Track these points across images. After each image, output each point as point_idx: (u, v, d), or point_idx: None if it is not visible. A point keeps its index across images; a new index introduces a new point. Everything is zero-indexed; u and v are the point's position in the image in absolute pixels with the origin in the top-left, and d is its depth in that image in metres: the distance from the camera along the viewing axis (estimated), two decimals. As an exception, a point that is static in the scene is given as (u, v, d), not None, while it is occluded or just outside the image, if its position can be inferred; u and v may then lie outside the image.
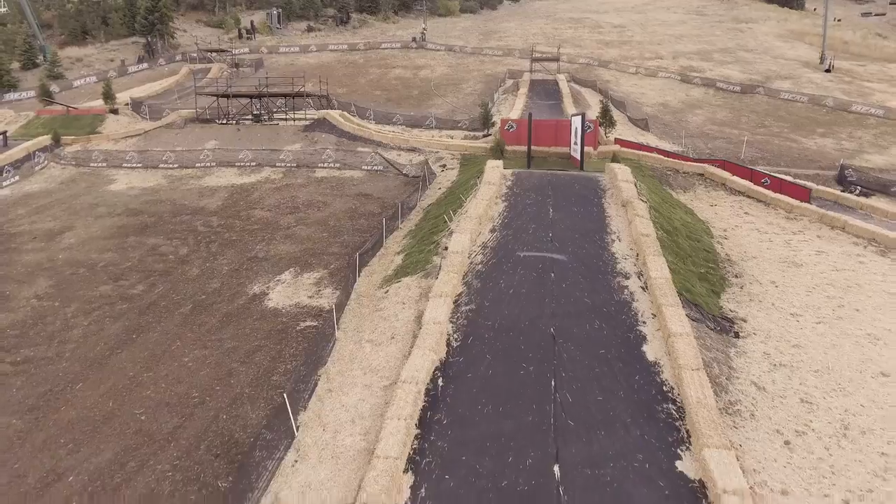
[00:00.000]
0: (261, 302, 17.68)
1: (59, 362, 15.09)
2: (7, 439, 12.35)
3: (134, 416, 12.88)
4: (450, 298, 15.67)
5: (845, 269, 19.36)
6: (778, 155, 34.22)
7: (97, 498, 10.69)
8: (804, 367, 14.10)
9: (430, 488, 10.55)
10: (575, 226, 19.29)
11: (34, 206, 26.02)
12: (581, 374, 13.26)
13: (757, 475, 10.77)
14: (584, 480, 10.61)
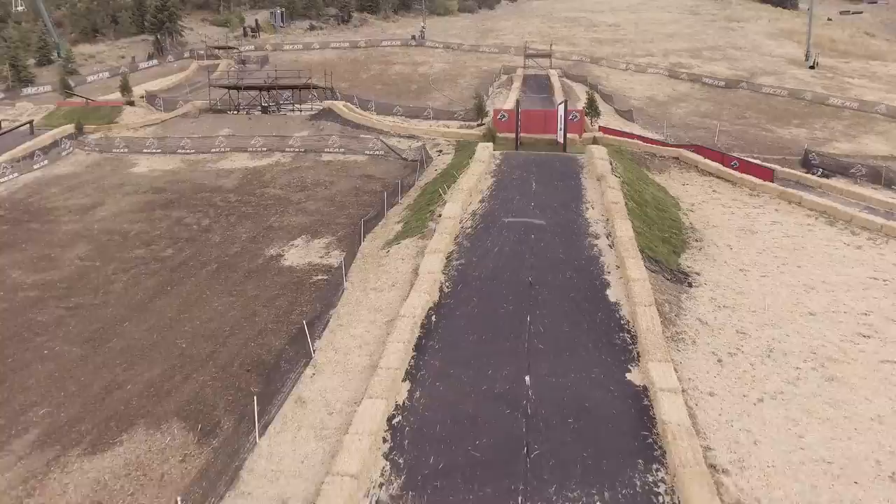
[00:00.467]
0: (277, 261, 20.14)
1: (106, 308, 17.53)
2: (71, 361, 14.79)
3: (176, 345, 15.33)
4: (442, 254, 18.12)
5: (795, 235, 21.83)
6: (752, 143, 36.66)
7: (151, 399, 13.14)
8: (744, 308, 16.56)
9: (424, 391, 13.00)
10: (554, 197, 21.77)
11: (65, 186, 28.46)
12: (552, 311, 15.72)
13: (691, 382, 13.21)
14: (550, 385, 13.06)
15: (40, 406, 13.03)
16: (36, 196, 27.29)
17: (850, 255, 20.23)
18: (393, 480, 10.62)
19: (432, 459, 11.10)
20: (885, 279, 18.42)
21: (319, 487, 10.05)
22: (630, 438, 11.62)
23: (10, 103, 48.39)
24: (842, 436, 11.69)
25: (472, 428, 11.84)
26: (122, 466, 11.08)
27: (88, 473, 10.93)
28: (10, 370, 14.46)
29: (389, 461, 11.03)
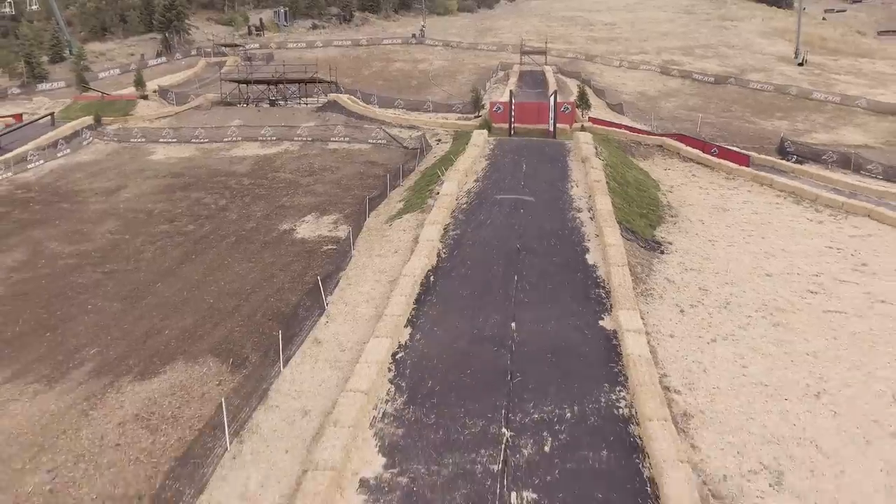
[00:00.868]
0: (290, 234, 22.17)
1: (138, 273, 19.55)
2: (112, 314, 16.82)
3: (204, 301, 17.36)
4: (440, 225, 20.16)
5: (763, 212, 23.86)
6: (735, 134, 38.65)
7: (187, 341, 15.16)
8: (708, 270, 18.58)
9: (423, 334, 15.02)
10: (543, 176, 23.81)
11: (88, 172, 30.49)
12: (537, 272, 17.74)
13: (654, 327, 15.23)
14: (532, 329, 15.08)
15: (90, 347, 15.06)
16: (63, 180, 29.32)
17: (811, 229, 22.27)
18: (397, 398, 12.63)
19: (430, 383, 13.11)
20: (839, 248, 20.46)
21: (335, 402, 12.05)
22: (599, 369, 13.63)
23: (27, 98, 50.43)
24: (780, 366, 13.71)
25: (465, 361, 13.85)
26: (167, 388, 13.10)
27: (140, 394, 12.96)
28: (59, 320, 16.50)
29: (394, 384, 13.05)
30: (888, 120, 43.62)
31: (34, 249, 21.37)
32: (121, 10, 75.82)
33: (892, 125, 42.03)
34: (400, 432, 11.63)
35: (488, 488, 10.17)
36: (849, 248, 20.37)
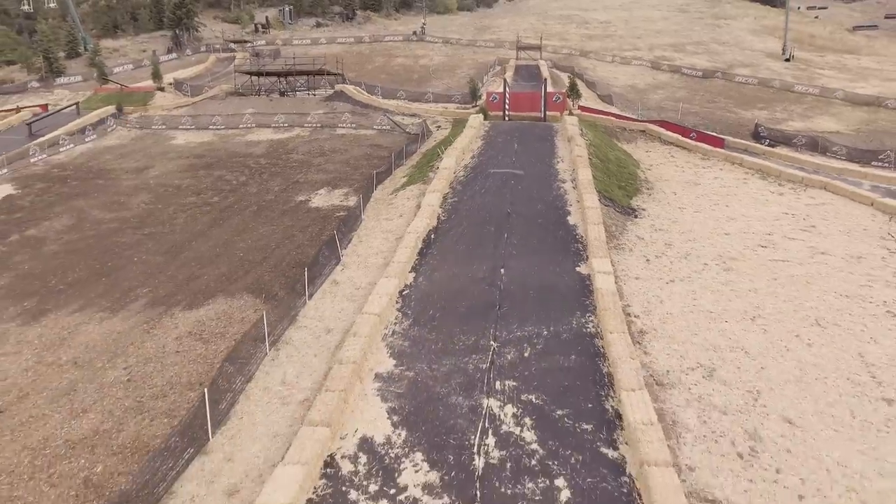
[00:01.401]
0: (306, 204, 24.80)
1: (173, 234, 22.19)
2: (156, 264, 19.45)
3: (235, 255, 19.99)
4: (440, 194, 22.77)
5: (731, 186, 26.48)
6: (717, 122, 41.26)
7: (224, 283, 17.79)
8: (675, 230, 21.21)
9: (425, 277, 17.64)
10: (532, 154, 26.44)
11: (116, 154, 33.12)
12: (524, 230, 20.36)
13: (623, 272, 17.85)
14: (518, 274, 17.68)
15: (142, 288, 17.71)
16: (94, 161, 31.95)
17: (772, 199, 24.90)
18: (403, 321, 15.25)
19: (431, 311, 15.73)
20: (794, 214, 23.09)
21: (353, 322, 14.66)
22: (573, 301, 16.24)
23: (48, 91, 53.10)
24: (724, 299, 16.33)
25: (460, 296, 16.47)
26: (213, 315, 15.73)
27: (190, 318, 15.59)
28: (111, 269, 19.14)
29: (400, 311, 15.67)
30: (862, 110, 46.24)
31: (78, 216, 24.01)
32: (132, 9, 78.57)
33: (864, 115, 44.66)
34: (406, 344, 14.25)
35: (478, 379, 12.78)
36: (802, 214, 23.01)
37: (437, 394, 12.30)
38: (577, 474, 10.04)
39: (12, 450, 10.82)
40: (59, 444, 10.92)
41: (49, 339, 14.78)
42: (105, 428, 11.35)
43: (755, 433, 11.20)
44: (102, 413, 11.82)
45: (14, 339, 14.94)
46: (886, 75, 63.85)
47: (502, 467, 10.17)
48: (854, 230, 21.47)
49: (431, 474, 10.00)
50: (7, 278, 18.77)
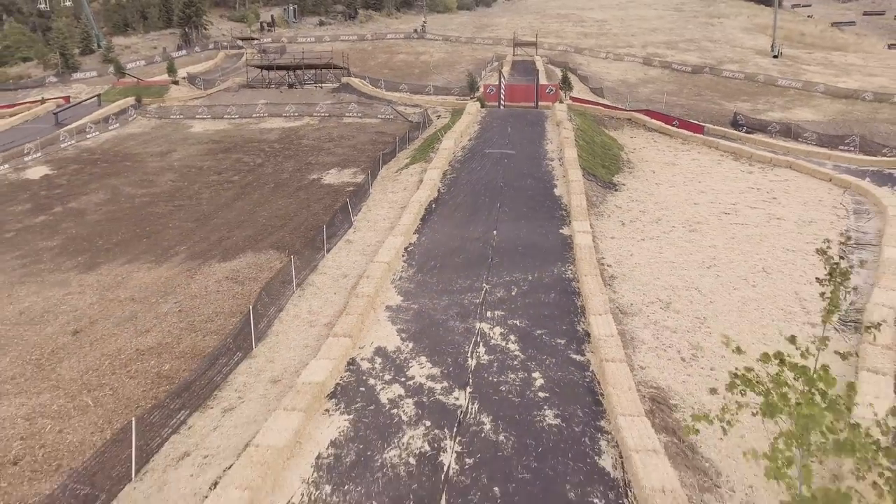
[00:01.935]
0: (319, 181, 27.33)
1: (201, 206, 24.72)
2: (189, 229, 21.98)
3: (259, 221, 22.52)
4: (440, 170, 25.31)
5: (705, 166, 29.01)
6: (701, 112, 43.77)
7: (251, 242, 20.32)
8: (650, 201, 23.74)
9: (427, 237, 20.17)
10: (524, 136, 28.98)
11: (140, 140, 35.66)
12: (515, 200, 22.89)
13: (600, 233, 20.37)
14: (509, 235, 20.20)
15: (180, 245, 20.24)
16: (119, 146, 34.49)
17: (741, 176, 27.43)
18: (409, 269, 17.78)
19: (432, 262, 18.25)
20: (759, 188, 25.63)
21: (365, 269, 17.17)
22: (555, 255, 18.76)
23: (65, 85, 55.62)
24: (686, 253, 18.86)
25: (458, 251, 19.00)
26: (244, 265, 18.27)
27: (225, 267, 18.12)
28: (150, 233, 21.67)
29: (406, 262, 18.20)
30: (840, 102, 48.74)
31: (113, 192, 26.55)
32: (141, 7, 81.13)
33: (842, 106, 47.16)
34: (412, 286, 16.79)
35: (472, 310, 15.30)
36: (766, 188, 25.54)
37: (437, 320, 14.83)
38: (550, 370, 12.57)
39: (94, 356, 13.35)
40: (131, 352, 13.45)
41: (106, 283, 17.32)
42: (166, 342, 13.89)
43: (697, 345, 13.73)
44: (162, 332, 14.36)
45: (76, 284, 17.48)
46: (869, 71, 66.34)
47: (490, 366, 12.69)
48: (810, 201, 24.01)
49: (434, 370, 12.52)
50: (59, 240, 21.31)
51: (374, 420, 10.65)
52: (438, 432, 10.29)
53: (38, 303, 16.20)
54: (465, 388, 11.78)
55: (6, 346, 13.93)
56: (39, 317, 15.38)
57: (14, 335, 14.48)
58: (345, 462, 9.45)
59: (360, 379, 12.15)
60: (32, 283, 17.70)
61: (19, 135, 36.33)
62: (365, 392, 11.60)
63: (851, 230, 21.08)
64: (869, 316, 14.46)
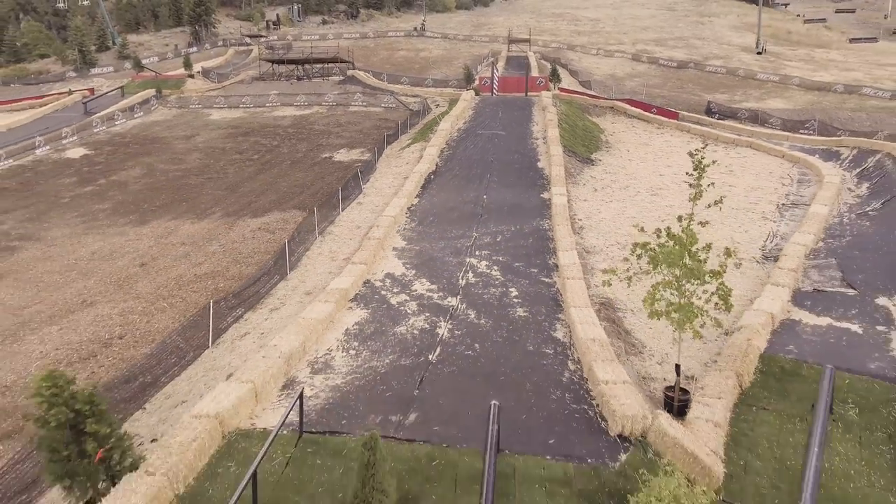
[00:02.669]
0: (330, 159, 30.74)
1: (227, 178, 28.12)
2: (220, 195, 25.39)
3: (280, 189, 25.93)
4: (438, 148, 28.73)
5: (675, 146, 32.43)
6: (681, 103, 47.11)
7: (276, 204, 23.73)
8: (621, 173, 27.16)
9: (426, 200, 23.59)
10: (513, 119, 32.43)
11: (164, 126, 39.07)
12: (503, 172, 26.30)
13: (574, 196, 23.77)
14: (496, 198, 23.62)
15: (215, 207, 23.65)
16: (147, 131, 37.90)
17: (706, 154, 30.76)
18: (411, 222, 21.19)
19: (431, 218, 21.67)
20: (719, 163, 28.96)
21: (374, 223, 20.58)
22: (535, 213, 22.17)
23: (85, 80, 58.95)
24: (646, 210, 22.27)
25: (453, 210, 22.42)
26: (273, 219, 21.69)
27: (256, 221, 21.53)
28: (187, 198, 25.09)
29: (408, 218, 21.61)
30: (812, 94, 52.18)
31: (148, 168, 29.97)
32: (152, 6, 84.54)
33: (813, 97, 50.60)
34: (413, 234, 20.20)
35: (464, 250, 18.68)
36: (725, 163, 28.92)
37: (435, 256, 18.23)
38: (524, 287, 15.97)
39: (162, 279, 16.76)
40: (191, 277, 16.87)
41: (159, 233, 20.75)
42: (217, 270, 17.31)
43: (643, 272, 17.11)
44: (212, 265, 17.78)
45: (133, 234, 20.89)
46: (847, 66, 69.75)
47: (476, 284, 16.10)
48: (762, 173, 27.45)
49: (432, 286, 15.93)
50: (109, 204, 24.73)
51: (387, 312, 14.06)
52: (435, 318, 13.70)
53: (106, 247, 19.62)
54: (456, 296, 15.19)
55: (88, 274, 17.35)
56: (109, 255, 18.80)
57: (92, 267, 17.90)
58: (366, 332, 12.86)
59: (374, 290, 15.57)
60: (96, 234, 21.11)
61: (52, 122, 39.70)
62: (379, 298, 15.01)
63: (791, 194, 24.53)
64: (786, 251, 17.88)
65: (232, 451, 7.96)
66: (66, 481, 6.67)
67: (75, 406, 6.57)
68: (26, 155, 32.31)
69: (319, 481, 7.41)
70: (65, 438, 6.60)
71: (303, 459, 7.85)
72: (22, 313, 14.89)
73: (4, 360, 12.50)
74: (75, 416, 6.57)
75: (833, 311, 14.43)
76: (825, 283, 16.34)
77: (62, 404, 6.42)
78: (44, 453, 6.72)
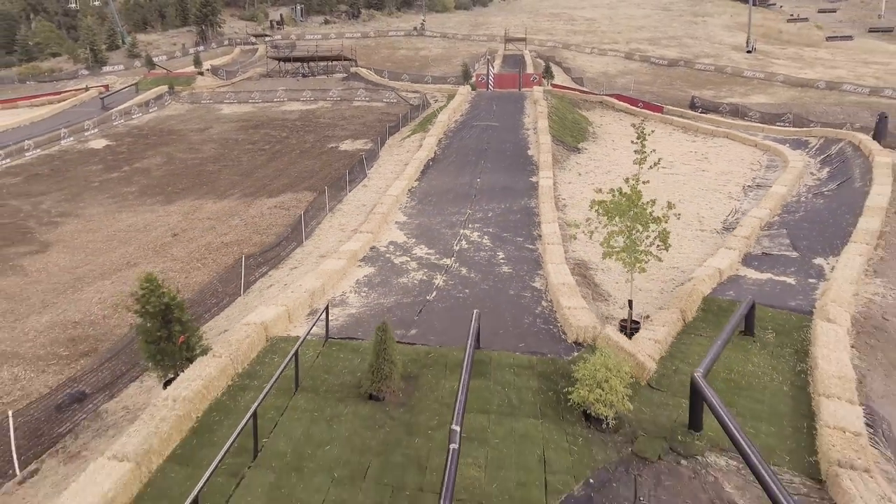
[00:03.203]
0: (336, 148, 33.10)
1: (242, 166, 30.48)
2: (236, 180, 27.74)
3: (292, 174, 28.29)
4: (436, 138, 31.10)
5: (658, 136, 34.72)
6: (668, 99, 49.49)
7: (289, 187, 26.10)
8: (605, 160, 29.52)
9: (426, 183, 25.96)
10: (506, 112, 34.80)
11: (178, 119, 41.43)
12: (496, 159, 28.67)
13: (560, 180, 26.13)
14: (489, 181, 25.97)
15: (234, 189, 26.01)
16: (162, 124, 40.27)
17: (685, 143, 33.21)
18: (411, 201, 23.54)
19: (430, 197, 24.03)
20: (696, 152, 31.41)
21: (379, 199, 22.92)
22: (524, 193, 24.53)
23: (97, 77, 61.33)
24: (624, 192, 24.55)
25: (449, 191, 24.77)
26: (287, 199, 24.04)
27: (272, 201, 23.89)
28: (207, 182, 27.44)
29: (409, 198, 23.97)
30: (795, 90, 54.53)
31: (168, 156, 32.33)
32: (159, 7, 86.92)
33: (795, 93, 52.94)
34: (414, 211, 22.56)
35: (458, 223, 21.03)
36: (701, 151, 31.35)
37: (433, 228, 20.59)
38: (510, 251, 18.33)
39: (193, 246, 19.12)
40: (218, 244, 19.24)
41: (185, 210, 23.12)
42: (241, 239, 19.67)
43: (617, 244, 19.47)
44: (236, 235, 20.14)
45: (162, 211, 23.26)
46: (833, 64, 72.12)
47: (468, 249, 18.46)
48: (734, 160, 29.82)
49: (430, 251, 18.28)
50: (135, 187, 27.10)
51: (391, 268, 16.43)
52: (432, 273, 16.07)
53: (139, 222, 21.99)
54: (451, 257, 17.56)
55: (127, 242, 19.73)
56: (143, 228, 21.17)
57: (130, 237, 20.27)
58: (374, 281, 15.23)
59: (380, 254, 17.93)
60: (128, 211, 23.48)
61: (72, 116, 42.06)
62: (384, 259, 17.38)
63: (758, 178, 26.90)
64: (742, 223, 20.23)
65: (274, 349, 10.33)
66: (158, 357, 9.03)
67: (164, 300, 8.93)
68: (53, 145, 34.67)
69: (342, 366, 9.77)
70: (156, 327, 8.96)
71: (329, 354, 10.21)
72: (76, 272, 17.25)
73: (70, 304, 14.86)
74: (165, 307, 8.93)
75: (775, 269, 16.81)
76: (773, 248, 18.72)
77: (157, 297, 8.78)
78: (141, 338, 9.09)
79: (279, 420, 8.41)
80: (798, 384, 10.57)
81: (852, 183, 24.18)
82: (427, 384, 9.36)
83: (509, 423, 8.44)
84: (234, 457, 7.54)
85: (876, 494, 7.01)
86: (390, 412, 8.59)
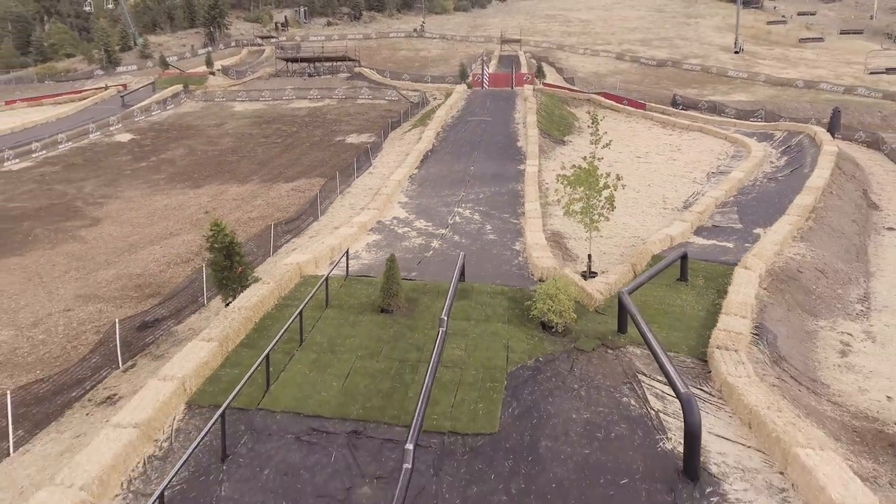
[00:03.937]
0: (343, 141, 36.20)
1: (258, 156, 33.57)
2: (253, 168, 30.84)
3: (304, 163, 31.38)
4: (434, 131, 34.19)
5: (638, 130, 37.87)
6: (653, 97, 52.53)
7: (302, 174, 29.18)
8: (587, 151, 32.52)
9: (425, 171, 29.04)
10: (499, 108, 37.92)
11: (195, 116, 44.52)
12: (488, 150, 31.76)
13: (545, 168, 29.19)
14: (481, 169, 29.06)
15: (253, 176, 29.12)
16: (181, 120, 43.36)
17: (662, 137, 36.30)
18: (412, 186, 26.62)
19: (429, 182, 27.11)
20: (671, 144, 34.50)
21: (383, 183, 26.00)
22: (512, 179, 27.59)
23: (112, 77, 64.43)
24: (601, 177, 27.64)
25: (446, 177, 27.85)
26: (302, 184, 27.13)
27: (288, 185, 26.98)
28: (228, 169, 30.54)
29: (410, 183, 27.05)
30: (775, 89, 57.63)
31: (189, 148, 35.43)
32: (168, 9, 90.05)
33: (774, 92, 56.04)
34: (414, 193, 25.64)
35: (453, 203, 24.09)
36: (676, 144, 34.44)
37: (431, 207, 23.67)
38: (496, 224, 21.41)
39: (234, 217, 22.19)
40: (246, 219, 22.33)
41: (212, 193, 26.20)
42: (265, 215, 22.76)
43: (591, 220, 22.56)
44: (261, 211, 23.23)
45: (192, 194, 26.35)
46: (816, 65, 75.22)
47: (461, 223, 21.54)
48: (704, 151, 32.91)
49: (428, 223, 21.36)
50: (164, 175, 30.18)
51: (395, 236, 19.52)
52: (429, 239, 19.17)
53: (173, 202, 25.09)
54: (446, 228, 20.66)
55: (167, 218, 22.82)
56: (178, 207, 24.26)
57: (168, 213, 23.36)
58: (381, 245, 18.32)
59: (385, 225, 21.03)
60: (161, 194, 26.57)
61: (95, 113, 45.14)
62: (389, 229, 20.47)
63: (723, 165, 29.97)
64: (699, 202, 23.29)
65: (306, 283, 13.41)
66: (224, 282, 12.12)
67: (227, 239, 12.02)
68: (82, 139, 37.77)
69: (360, 293, 12.87)
70: (221, 259, 12.05)
71: (349, 286, 13.31)
72: (128, 240, 20.34)
73: (130, 262, 17.95)
74: (228, 244, 12.02)
75: (720, 237, 19.92)
76: (723, 222, 21.82)
77: (223, 236, 11.87)
78: (211, 269, 12.17)
79: (315, 324, 11.50)
80: (712, 311, 13.64)
81: (802, 169, 27.27)
82: (424, 304, 12.46)
83: (484, 325, 11.54)
84: (286, 344, 10.62)
85: (735, 362, 10.10)
86: (397, 319, 11.70)
